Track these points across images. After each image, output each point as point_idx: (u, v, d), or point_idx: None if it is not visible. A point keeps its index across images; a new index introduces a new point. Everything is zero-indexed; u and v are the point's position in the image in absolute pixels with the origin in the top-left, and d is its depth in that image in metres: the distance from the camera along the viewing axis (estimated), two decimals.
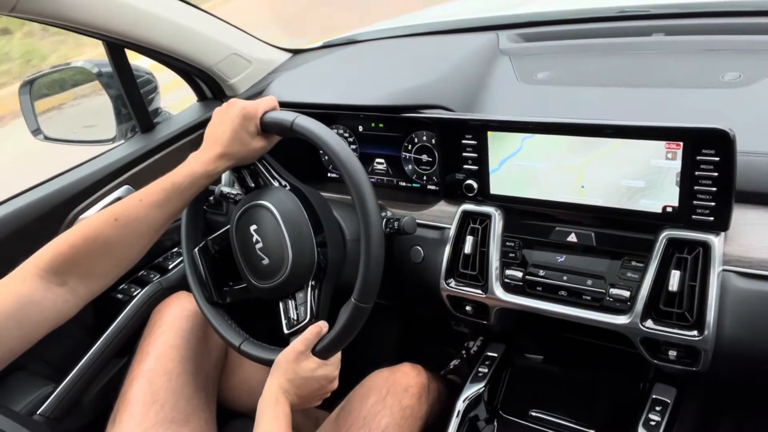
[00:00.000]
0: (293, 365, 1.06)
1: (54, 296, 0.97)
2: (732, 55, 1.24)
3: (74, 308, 1.00)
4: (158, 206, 1.05)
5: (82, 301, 1.01)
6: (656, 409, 1.19)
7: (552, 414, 1.32)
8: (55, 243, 1.00)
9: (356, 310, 1.04)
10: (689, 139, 0.96)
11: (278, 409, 1.02)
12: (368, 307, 1.05)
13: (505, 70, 1.40)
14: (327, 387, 1.10)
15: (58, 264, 0.98)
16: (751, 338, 0.98)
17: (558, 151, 1.09)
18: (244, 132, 1.09)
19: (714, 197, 0.97)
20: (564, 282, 1.13)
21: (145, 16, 1.39)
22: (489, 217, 1.19)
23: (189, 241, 1.25)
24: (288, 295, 1.14)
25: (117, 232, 1.02)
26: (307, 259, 1.12)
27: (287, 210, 1.12)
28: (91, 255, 1.00)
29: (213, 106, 1.68)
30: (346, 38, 1.90)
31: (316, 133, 1.05)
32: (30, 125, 1.54)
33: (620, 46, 1.41)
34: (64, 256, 0.99)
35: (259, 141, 1.11)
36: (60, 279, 0.98)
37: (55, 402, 1.31)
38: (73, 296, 0.99)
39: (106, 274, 1.04)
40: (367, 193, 1.02)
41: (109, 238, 1.02)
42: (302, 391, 1.07)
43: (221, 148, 1.08)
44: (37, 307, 0.95)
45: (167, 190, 1.06)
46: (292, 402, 1.06)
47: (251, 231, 1.14)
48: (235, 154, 1.10)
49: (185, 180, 1.07)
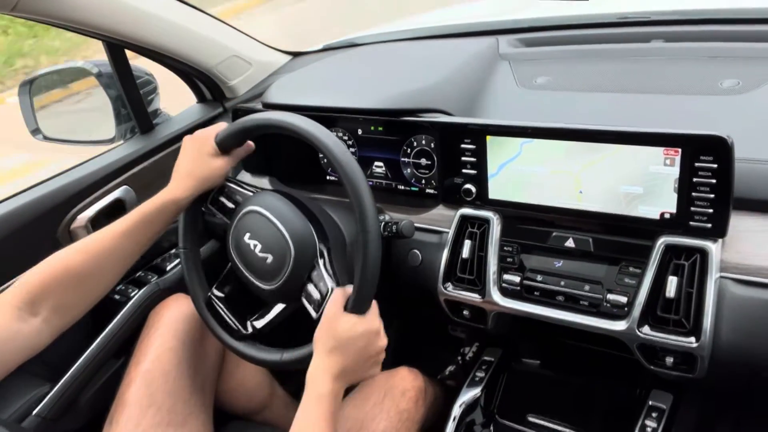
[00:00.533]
0: (330, 332, 1.01)
1: (28, 327, 0.99)
2: (731, 62, 1.25)
3: (48, 338, 1.02)
4: (127, 236, 1.10)
5: (57, 330, 1.03)
6: (653, 415, 1.19)
7: (548, 419, 1.32)
8: (27, 275, 1.03)
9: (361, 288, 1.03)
10: (687, 146, 0.96)
11: (321, 407, 0.96)
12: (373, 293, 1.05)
13: (504, 75, 1.41)
14: (375, 344, 1.02)
15: (31, 296, 1.01)
16: (748, 345, 0.98)
17: (556, 156, 1.09)
18: (202, 154, 1.17)
19: (712, 204, 0.97)
20: (561, 287, 1.13)
21: (146, 16, 1.39)
22: (487, 221, 1.19)
23: (186, 241, 1.25)
24: (304, 280, 1.12)
25: (86, 263, 1.06)
26: (306, 234, 1.13)
27: (268, 202, 1.16)
28: (60, 286, 1.03)
29: (213, 108, 1.69)
30: (346, 41, 1.90)
31: (258, 120, 1.12)
32: (29, 125, 1.54)
33: (620, 52, 1.41)
34: (35, 288, 1.01)
35: (218, 160, 1.18)
36: (33, 310, 1.01)
37: (52, 402, 1.31)
38: (47, 326, 1.02)
39: (78, 304, 1.07)
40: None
41: (78, 270, 1.05)
42: (350, 359, 1.00)
43: (184, 175, 1.17)
44: (12, 338, 0.97)
45: (135, 220, 1.11)
46: (344, 378, 1.00)
47: (246, 241, 1.15)
48: (198, 177, 1.17)
49: (153, 209, 1.13)
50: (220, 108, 1.70)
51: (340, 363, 0.99)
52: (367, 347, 1.01)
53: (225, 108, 1.70)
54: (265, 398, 1.50)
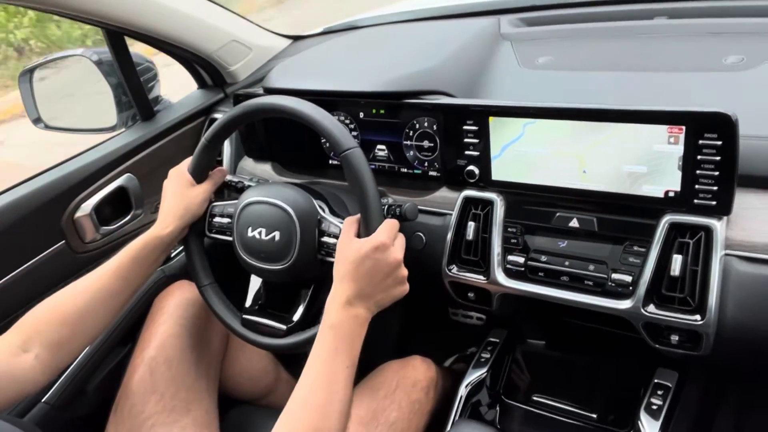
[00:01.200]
0: (341, 260, 1.02)
1: (22, 363, 1.01)
2: (734, 38, 1.24)
3: (41, 376, 1.03)
4: (117, 276, 1.13)
5: (50, 369, 1.04)
6: (658, 393, 1.19)
7: (554, 399, 1.33)
8: (24, 318, 1.06)
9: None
10: (691, 123, 0.95)
11: (329, 337, 0.97)
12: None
13: (506, 55, 1.40)
14: (386, 259, 1.00)
15: (24, 335, 1.03)
16: (753, 322, 0.98)
17: (560, 136, 1.08)
18: (179, 188, 1.21)
19: (716, 181, 0.96)
20: (566, 267, 1.13)
21: (145, 2, 1.38)
22: (491, 203, 1.19)
23: (203, 278, 1.27)
24: (316, 237, 1.15)
25: (74, 301, 1.09)
26: (300, 196, 1.16)
27: (254, 192, 1.20)
28: (49, 325, 1.06)
29: (214, 94, 1.69)
30: (347, 24, 1.89)
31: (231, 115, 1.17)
32: (30, 114, 1.54)
33: (622, 29, 1.40)
34: (28, 327, 1.04)
35: (195, 190, 1.22)
36: (25, 347, 1.02)
37: (60, 390, 1.32)
38: (39, 363, 1.03)
39: (70, 343, 1.08)
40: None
41: (67, 308, 1.08)
42: (362, 281, 0.99)
43: (165, 212, 1.19)
44: (6, 373, 0.98)
45: (122, 258, 1.14)
46: (360, 303, 0.99)
47: (250, 235, 1.18)
48: (178, 212, 1.19)
49: (139, 247, 1.15)
50: (221, 93, 1.70)
51: (351, 288, 0.99)
52: (377, 265, 1.00)
53: (226, 93, 1.70)
54: (269, 383, 1.51)
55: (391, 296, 1.04)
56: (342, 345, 0.96)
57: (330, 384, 0.93)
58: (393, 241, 1.03)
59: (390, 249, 1.02)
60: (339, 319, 0.98)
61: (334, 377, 0.94)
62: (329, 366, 0.95)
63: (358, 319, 0.99)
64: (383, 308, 1.04)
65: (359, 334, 0.99)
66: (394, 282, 1.03)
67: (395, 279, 1.03)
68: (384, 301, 1.03)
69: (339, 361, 0.95)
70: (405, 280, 1.05)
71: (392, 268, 1.02)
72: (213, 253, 1.29)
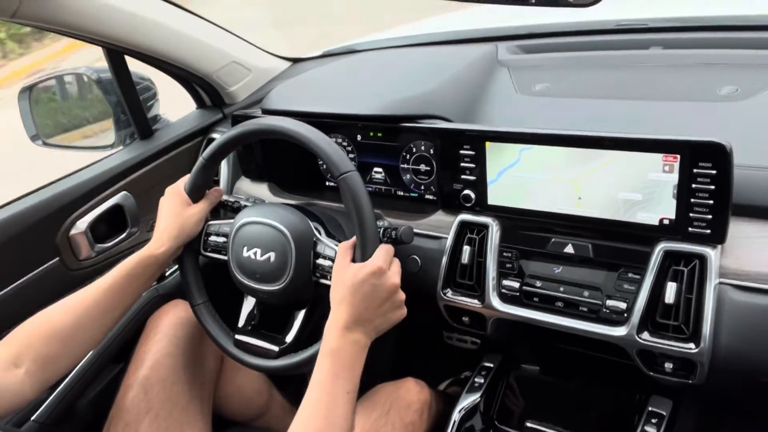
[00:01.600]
0: (337, 284, 1.02)
1: (13, 378, 1.00)
2: (729, 69, 1.25)
3: (32, 390, 1.03)
4: (110, 293, 1.12)
5: (39, 384, 1.04)
6: (652, 421, 1.19)
7: (548, 425, 1.32)
8: (13, 332, 1.05)
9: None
10: (686, 152, 0.96)
11: (328, 362, 0.96)
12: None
13: (503, 82, 1.41)
14: (384, 284, 1.01)
15: (14, 349, 1.03)
16: (748, 351, 0.98)
17: (555, 163, 1.09)
18: (175, 207, 1.21)
19: (711, 210, 0.97)
20: (561, 293, 1.13)
21: (146, 23, 1.39)
22: (486, 227, 1.19)
23: (196, 297, 1.27)
24: (311, 259, 1.15)
25: (66, 317, 1.08)
26: (296, 218, 1.17)
27: (251, 213, 1.20)
28: (41, 339, 1.05)
29: (212, 114, 1.70)
30: (346, 48, 1.91)
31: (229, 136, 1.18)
32: (28, 131, 1.54)
33: (618, 58, 1.41)
34: (19, 342, 1.04)
35: (191, 209, 1.22)
36: (16, 362, 1.02)
37: (50, 408, 1.31)
38: (29, 378, 1.02)
39: (62, 358, 1.08)
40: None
41: (58, 324, 1.07)
42: (360, 306, 0.99)
43: (161, 231, 1.19)
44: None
45: (116, 275, 1.13)
46: (359, 328, 0.99)
47: (245, 255, 1.18)
48: (173, 231, 1.19)
49: (133, 265, 1.15)
50: (220, 114, 1.70)
51: (349, 313, 0.99)
52: (375, 290, 1.00)
53: (224, 114, 1.71)
54: (263, 404, 1.49)
55: (390, 321, 1.03)
56: (341, 371, 0.96)
57: (329, 409, 0.92)
58: (389, 265, 1.04)
59: (387, 274, 1.02)
60: (338, 345, 0.97)
61: (334, 402, 0.93)
62: (328, 391, 0.94)
63: (358, 344, 0.99)
64: (381, 333, 1.03)
65: (359, 360, 0.98)
66: (392, 306, 1.03)
67: (393, 303, 1.03)
68: (382, 326, 1.03)
69: (339, 386, 0.94)
70: (403, 304, 1.06)
71: (390, 293, 1.02)
72: (208, 272, 1.28)
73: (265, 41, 1.83)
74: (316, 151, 1.07)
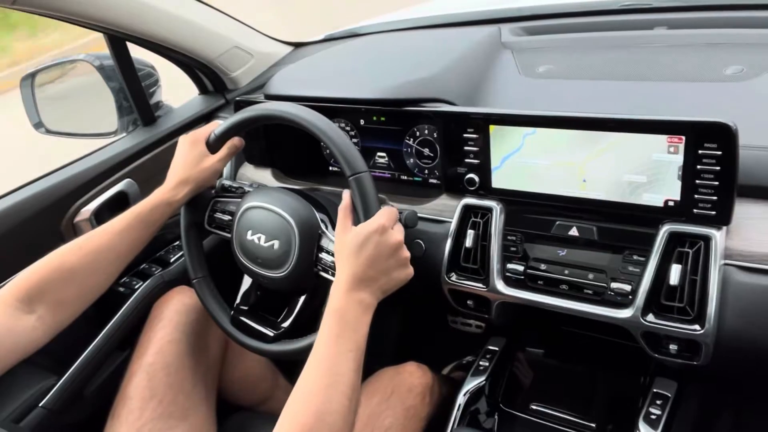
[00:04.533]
0: (346, 242, 1.00)
1: (24, 324, 1.00)
2: (734, 49, 1.24)
3: (43, 336, 1.03)
4: (122, 235, 1.13)
5: (51, 329, 1.04)
6: (657, 402, 1.19)
7: (553, 407, 1.32)
8: (23, 274, 1.04)
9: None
10: (691, 133, 0.96)
11: (330, 322, 0.94)
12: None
13: (507, 64, 1.40)
14: (386, 242, 0.99)
15: (26, 293, 1.02)
16: (753, 332, 0.98)
17: (559, 147, 1.08)
18: (195, 156, 1.22)
19: (716, 191, 0.96)
20: (565, 276, 1.13)
21: (147, 8, 1.39)
22: (490, 210, 1.19)
23: (197, 271, 1.28)
24: (315, 251, 1.14)
25: (81, 260, 1.08)
26: (303, 208, 1.16)
27: (258, 196, 1.20)
28: (56, 283, 1.04)
29: (215, 100, 1.69)
30: (348, 31, 1.89)
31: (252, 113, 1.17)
32: (31, 118, 1.54)
33: (623, 39, 1.40)
34: (31, 286, 1.02)
35: (209, 160, 1.23)
36: (28, 308, 1.01)
37: (57, 394, 1.32)
38: (41, 324, 1.02)
39: (74, 301, 1.08)
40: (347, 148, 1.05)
41: (74, 266, 1.07)
42: (362, 266, 0.97)
43: (177, 176, 1.21)
44: (7, 336, 0.97)
45: (129, 219, 1.14)
46: (363, 288, 0.97)
47: (249, 238, 1.18)
48: (190, 180, 1.21)
49: (147, 209, 1.16)
50: (222, 100, 1.70)
51: (353, 273, 0.97)
52: (378, 247, 0.98)
53: (227, 100, 1.70)
54: (268, 389, 1.50)
55: (396, 280, 1.01)
56: (345, 330, 0.93)
57: (332, 367, 0.90)
58: (392, 225, 1.02)
59: (389, 231, 1.00)
60: (342, 304, 0.95)
61: (337, 361, 0.91)
62: (331, 350, 0.92)
63: (363, 303, 0.96)
64: (389, 293, 1.01)
65: (364, 320, 0.96)
66: (396, 264, 1.01)
67: (398, 260, 1.01)
68: (388, 285, 1.00)
69: (342, 344, 0.92)
70: (408, 263, 1.03)
71: (393, 250, 1.00)
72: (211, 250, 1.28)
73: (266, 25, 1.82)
74: (332, 148, 1.06)
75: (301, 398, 0.88)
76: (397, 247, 1.00)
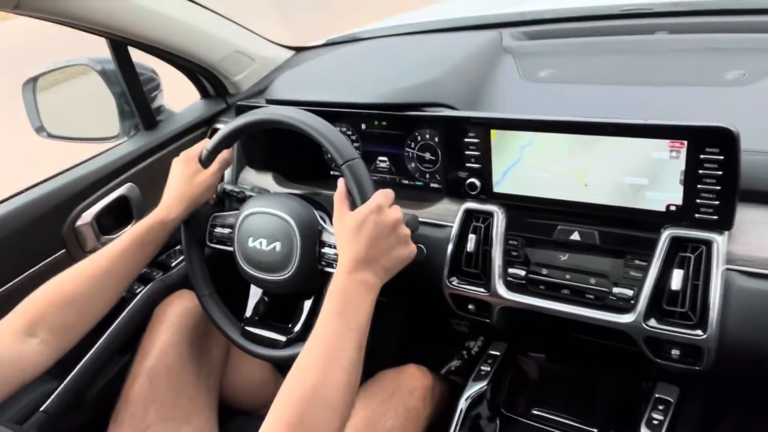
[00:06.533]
0: (345, 225, 1.00)
1: (28, 349, 1.00)
2: (735, 54, 1.24)
3: (47, 360, 1.02)
4: (121, 258, 1.12)
5: (55, 353, 1.03)
6: (659, 408, 1.19)
7: (554, 413, 1.32)
8: (26, 301, 1.04)
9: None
10: (693, 138, 0.95)
11: (331, 302, 0.93)
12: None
13: (508, 68, 1.40)
14: (384, 221, 0.99)
15: (29, 320, 1.02)
16: (755, 337, 0.98)
17: (559, 156, 1.08)
18: (187, 173, 1.22)
19: (718, 196, 0.96)
20: (567, 281, 1.13)
21: (149, 13, 1.39)
22: (491, 215, 1.19)
23: (202, 287, 1.28)
24: (317, 248, 1.15)
25: (80, 286, 1.08)
26: (301, 207, 1.17)
27: (255, 202, 1.20)
28: (57, 309, 1.04)
29: (216, 104, 1.69)
30: (349, 36, 1.90)
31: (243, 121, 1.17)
32: (33, 123, 1.54)
33: (624, 44, 1.40)
34: (32, 312, 1.03)
35: (202, 176, 1.23)
36: (31, 332, 1.01)
37: (59, 398, 1.32)
38: (46, 348, 1.02)
39: (76, 325, 1.07)
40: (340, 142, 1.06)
41: (74, 293, 1.07)
42: (362, 247, 0.97)
43: (170, 195, 1.21)
44: (13, 360, 0.97)
45: (126, 243, 1.14)
46: (365, 269, 0.97)
47: (251, 245, 1.18)
48: (184, 195, 1.21)
49: (142, 230, 1.15)
50: (224, 104, 1.70)
51: (354, 254, 0.97)
52: (377, 226, 0.99)
53: (228, 104, 1.70)
54: (270, 393, 1.49)
55: (398, 258, 1.01)
56: (347, 309, 0.93)
57: (332, 343, 0.89)
58: (389, 204, 1.03)
59: (386, 210, 1.01)
60: (344, 285, 0.95)
61: (337, 337, 0.90)
62: (331, 327, 0.91)
63: (365, 284, 0.96)
64: (393, 273, 1.01)
65: (367, 301, 0.95)
66: (397, 241, 1.01)
67: (398, 238, 1.01)
68: (391, 263, 1.00)
69: (343, 323, 0.91)
70: (409, 240, 1.03)
71: (392, 227, 1.00)
72: (214, 264, 1.29)
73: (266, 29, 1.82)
74: (320, 140, 1.07)
75: (298, 373, 0.88)
76: (395, 224, 1.01)
